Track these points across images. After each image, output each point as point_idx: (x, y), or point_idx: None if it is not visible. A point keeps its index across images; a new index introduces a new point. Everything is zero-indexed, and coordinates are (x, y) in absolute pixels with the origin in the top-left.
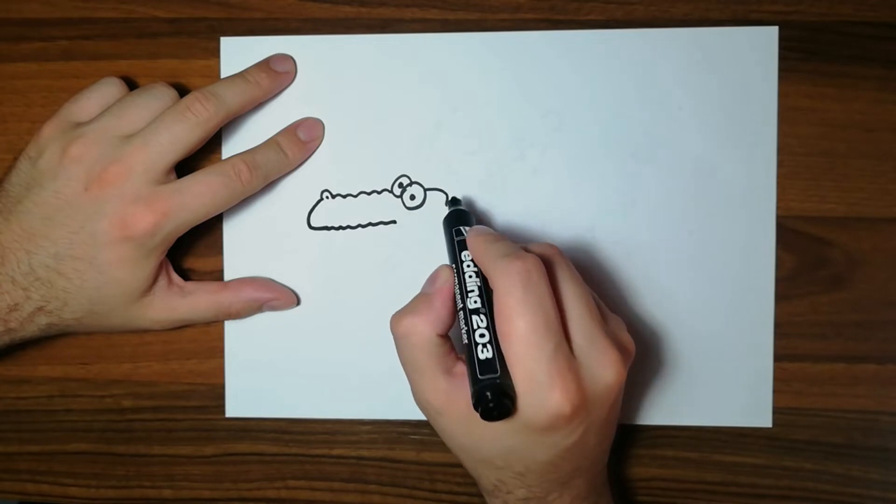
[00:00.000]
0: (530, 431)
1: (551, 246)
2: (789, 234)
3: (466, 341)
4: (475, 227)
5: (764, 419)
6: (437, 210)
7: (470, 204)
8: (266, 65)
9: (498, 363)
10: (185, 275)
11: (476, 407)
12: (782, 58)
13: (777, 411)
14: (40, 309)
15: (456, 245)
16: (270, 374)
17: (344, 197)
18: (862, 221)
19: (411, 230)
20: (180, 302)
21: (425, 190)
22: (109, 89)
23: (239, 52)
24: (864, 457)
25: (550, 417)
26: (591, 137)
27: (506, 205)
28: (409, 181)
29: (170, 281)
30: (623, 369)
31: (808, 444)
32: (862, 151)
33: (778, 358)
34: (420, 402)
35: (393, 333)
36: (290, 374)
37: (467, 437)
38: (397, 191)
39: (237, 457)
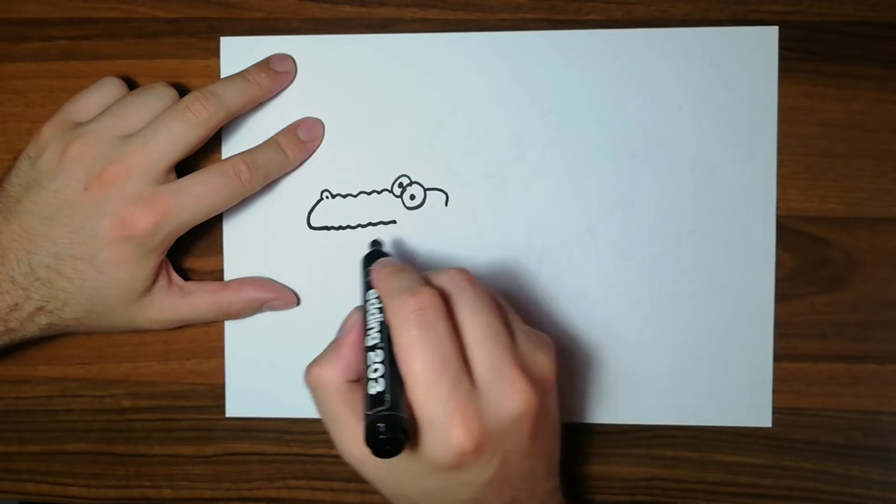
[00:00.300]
0: (440, 471)
1: (460, 271)
2: (789, 234)
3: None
4: (381, 260)
5: (764, 419)
6: (437, 210)
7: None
8: (266, 65)
9: (389, 397)
10: (185, 275)
11: (367, 444)
12: (782, 58)
13: (777, 411)
14: (40, 309)
15: (363, 284)
16: (270, 374)
17: (344, 197)
18: (862, 221)
19: (411, 230)
20: (180, 302)
21: (425, 190)
22: (109, 89)
23: (239, 52)
24: (864, 457)
25: (454, 455)
26: (591, 137)
27: (506, 205)
28: (409, 181)
29: (170, 281)
30: (532, 397)
31: (808, 444)
32: (862, 151)
33: (778, 358)
34: (342, 453)
35: (306, 385)
36: (290, 374)
37: (391, 482)
38: (397, 191)
39: (237, 457)
